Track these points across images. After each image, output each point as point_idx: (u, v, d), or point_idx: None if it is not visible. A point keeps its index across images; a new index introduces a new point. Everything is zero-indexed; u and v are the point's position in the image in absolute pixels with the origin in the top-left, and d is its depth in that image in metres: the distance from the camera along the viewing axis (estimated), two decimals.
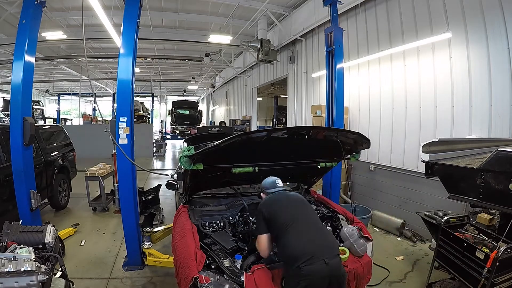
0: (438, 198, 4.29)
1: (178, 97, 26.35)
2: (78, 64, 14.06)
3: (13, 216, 3.44)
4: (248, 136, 2.31)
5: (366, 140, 2.77)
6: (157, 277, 3.59)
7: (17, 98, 3.53)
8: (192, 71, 18.11)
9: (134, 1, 3.54)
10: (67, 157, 6.36)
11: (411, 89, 5.00)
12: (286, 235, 2.00)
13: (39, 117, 18.66)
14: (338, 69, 4.81)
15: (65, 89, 22.96)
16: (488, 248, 2.59)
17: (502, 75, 3.76)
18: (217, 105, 23.34)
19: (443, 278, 3.30)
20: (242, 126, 14.22)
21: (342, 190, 5.77)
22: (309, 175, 3.49)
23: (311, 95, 8.23)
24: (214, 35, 9.22)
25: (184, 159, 2.24)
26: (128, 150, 3.49)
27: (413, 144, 4.89)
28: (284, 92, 11.93)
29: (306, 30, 7.83)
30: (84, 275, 3.51)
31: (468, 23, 4.08)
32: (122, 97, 3.52)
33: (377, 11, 5.73)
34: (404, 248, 4.50)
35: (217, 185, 3.17)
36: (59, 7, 8.27)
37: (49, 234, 2.63)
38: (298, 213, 2.17)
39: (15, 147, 3.55)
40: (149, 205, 4.86)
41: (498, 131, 3.83)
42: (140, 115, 17.44)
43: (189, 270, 2.01)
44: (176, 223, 2.79)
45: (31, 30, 3.63)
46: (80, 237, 4.63)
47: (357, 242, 2.39)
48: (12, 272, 1.91)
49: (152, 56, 12.83)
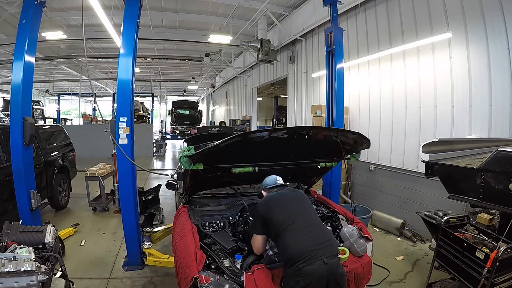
0: (438, 198, 4.29)
1: (178, 97, 26.35)
2: (78, 64, 14.06)
3: (13, 216, 3.43)
4: (248, 136, 2.31)
5: (366, 140, 2.77)
6: (157, 277, 3.59)
7: (17, 98, 3.52)
8: (192, 71, 18.12)
9: (134, 1, 3.54)
10: (67, 157, 6.36)
11: (411, 89, 5.00)
12: (285, 235, 2.00)
13: (39, 117, 18.66)
14: (338, 69, 4.81)
15: (65, 89, 22.97)
16: (488, 248, 2.59)
17: (502, 75, 3.76)
18: (217, 105, 23.34)
19: (443, 278, 3.31)
20: (242, 126, 14.22)
21: (342, 190, 5.77)
22: (309, 175, 3.49)
23: (311, 95, 8.23)
24: (214, 35, 9.22)
25: (184, 159, 2.24)
26: (128, 150, 3.49)
27: (413, 144, 4.89)
28: (284, 92, 11.93)
29: (306, 30, 7.83)
30: (84, 275, 3.51)
31: (468, 23, 4.08)
32: (122, 97, 3.52)
33: (377, 11, 5.73)
34: (404, 248, 4.50)
35: (217, 185, 3.17)
36: (59, 7, 8.27)
37: (49, 234, 2.63)
38: (298, 212, 2.16)
39: (15, 147, 3.55)
40: (149, 205, 4.86)
41: (498, 131, 3.83)
42: (140, 115, 17.44)
43: (189, 270, 2.01)
44: (176, 223, 2.79)
45: (31, 30, 3.63)
46: (80, 237, 4.63)
47: (357, 242, 2.40)
48: (12, 272, 1.90)
49: (152, 56, 12.83)
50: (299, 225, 2.05)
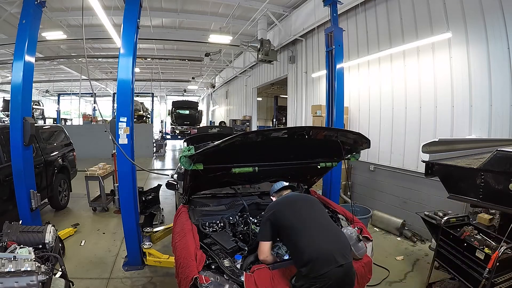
0: (438, 198, 4.29)
1: (178, 97, 26.35)
2: (78, 64, 14.07)
3: (13, 216, 3.43)
4: (248, 136, 2.31)
5: (366, 140, 2.77)
6: (157, 277, 3.59)
7: (17, 98, 3.53)
8: (192, 71, 18.12)
9: (134, 1, 3.54)
10: (67, 157, 6.36)
11: (411, 89, 5.00)
12: (300, 239, 2.00)
13: (39, 117, 18.62)
14: (338, 69, 4.81)
15: (65, 89, 22.96)
16: (489, 248, 2.59)
17: (502, 75, 3.76)
18: (217, 105, 23.34)
19: (443, 278, 3.30)
20: (242, 126, 14.22)
21: (342, 190, 5.77)
22: (309, 175, 3.49)
23: (311, 95, 8.23)
24: (214, 35, 9.22)
25: (184, 159, 2.24)
26: (128, 150, 3.49)
27: (413, 144, 4.89)
28: (284, 92, 11.93)
29: (306, 30, 7.83)
30: (84, 275, 3.51)
31: (468, 23, 4.08)
32: (122, 97, 3.52)
33: (377, 11, 5.73)
34: (404, 248, 4.50)
35: (217, 185, 3.17)
36: (59, 7, 8.28)
37: (49, 234, 2.63)
38: (310, 215, 2.17)
39: (15, 147, 3.56)
40: (149, 205, 4.85)
41: (498, 131, 3.83)
42: (140, 115, 17.42)
43: (189, 270, 2.01)
44: (176, 223, 2.79)
45: (31, 30, 3.63)
46: (80, 237, 4.63)
47: (356, 245, 2.37)
48: (12, 272, 1.91)
49: (152, 56, 12.83)
50: (313, 228, 2.06)
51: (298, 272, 1.99)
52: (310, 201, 2.38)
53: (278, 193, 2.57)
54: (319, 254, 1.90)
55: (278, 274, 2.09)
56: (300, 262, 1.96)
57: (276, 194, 2.57)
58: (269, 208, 2.30)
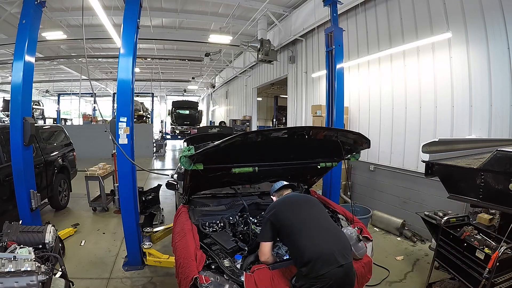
0: (438, 198, 4.29)
1: (178, 97, 26.35)
2: (78, 64, 14.06)
3: (13, 216, 3.43)
4: (248, 136, 2.31)
5: (366, 140, 2.77)
6: (157, 277, 3.59)
7: (17, 98, 3.52)
8: (192, 71, 18.12)
9: (134, 1, 3.53)
10: (67, 157, 6.36)
11: (411, 89, 5.00)
12: (300, 239, 2.00)
13: (39, 117, 18.62)
14: (338, 69, 4.81)
15: (65, 89, 22.95)
16: (489, 248, 2.59)
17: (502, 75, 3.76)
18: (217, 105, 23.34)
19: (443, 278, 3.30)
20: (242, 126, 14.22)
21: (342, 190, 5.77)
22: (309, 175, 3.49)
23: (311, 95, 8.23)
24: (214, 35, 9.22)
25: (184, 159, 2.24)
26: (128, 150, 3.49)
27: (413, 144, 4.89)
28: (284, 92, 11.94)
29: (306, 30, 7.83)
30: (84, 275, 3.52)
31: (468, 23, 4.08)
32: (122, 97, 3.52)
33: (377, 11, 5.73)
34: (404, 248, 4.51)
35: (217, 185, 3.17)
36: (59, 7, 8.28)
37: (49, 234, 2.63)
38: (311, 215, 2.17)
39: (15, 147, 3.55)
40: (149, 205, 4.85)
41: (498, 131, 3.83)
42: (140, 115, 17.41)
43: (189, 270, 2.01)
44: (176, 223, 2.79)
45: (31, 30, 3.63)
46: (80, 237, 4.63)
47: (356, 245, 2.37)
48: (12, 272, 1.91)
49: (152, 56, 12.83)
50: (314, 228, 2.07)
51: (298, 272, 1.99)
52: (310, 201, 2.39)
53: (278, 193, 2.57)
54: (320, 254, 1.90)
55: (278, 274, 2.09)
56: (300, 262, 1.96)
57: (277, 193, 2.57)
58: (269, 208, 2.30)
